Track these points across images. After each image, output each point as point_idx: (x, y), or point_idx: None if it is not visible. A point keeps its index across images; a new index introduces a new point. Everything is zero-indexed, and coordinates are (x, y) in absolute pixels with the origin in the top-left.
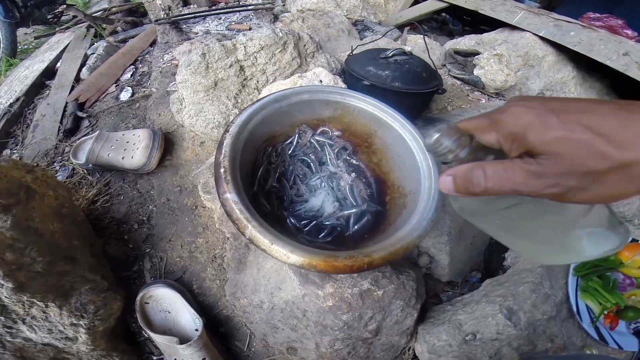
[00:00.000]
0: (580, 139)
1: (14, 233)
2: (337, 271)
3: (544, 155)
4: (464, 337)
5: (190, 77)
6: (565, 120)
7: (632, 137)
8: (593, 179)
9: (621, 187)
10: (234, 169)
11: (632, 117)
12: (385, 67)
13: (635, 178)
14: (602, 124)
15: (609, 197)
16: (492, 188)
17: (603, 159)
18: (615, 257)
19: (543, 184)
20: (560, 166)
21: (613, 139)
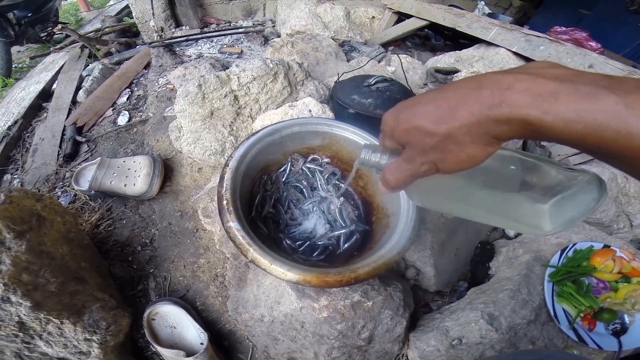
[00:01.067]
0: (414, 127)
1: (29, 257)
2: (328, 285)
3: (406, 145)
4: (450, 342)
5: (188, 107)
6: (403, 117)
7: (444, 114)
8: (440, 151)
9: (460, 152)
10: (234, 200)
11: (443, 97)
12: (368, 95)
13: (460, 142)
14: (424, 111)
15: (462, 162)
16: (396, 181)
17: (432, 135)
18: (588, 263)
19: (417, 165)
20: (415, 149)
21: (433, 118)
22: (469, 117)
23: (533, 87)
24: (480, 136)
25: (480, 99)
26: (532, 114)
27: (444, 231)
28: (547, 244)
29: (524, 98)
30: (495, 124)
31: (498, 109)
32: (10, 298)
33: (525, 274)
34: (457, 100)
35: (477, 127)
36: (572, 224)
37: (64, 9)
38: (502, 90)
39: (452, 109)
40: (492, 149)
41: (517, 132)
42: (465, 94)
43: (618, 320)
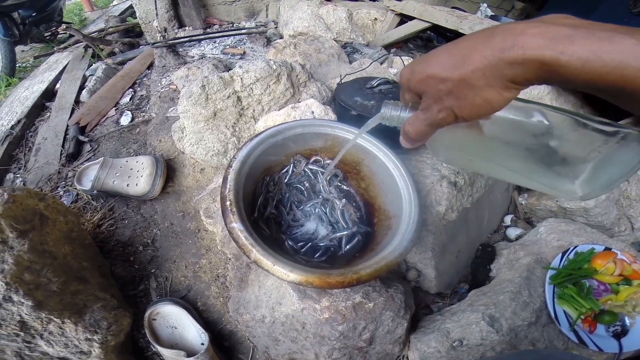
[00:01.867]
0: (428, 75)
1: (31, 256)
2: (330, 287)
3: (422, 95)
4: (451, 344)
5: (191, 108)
6: (418, 68)
7: (457, 61)
8: (455, 96)
9: (476, 96)
10: (238, 201)
11: (457, 46)
12: (371, 97)
13: (474, 86)
14: (438, 60)
15: (479, 106)
16: (416, 132)
17: (446, 81)
18: (589, 265)
19: (434, 113)
20: (431, 97)
21: (447, 66)
22: (482, 60)
23: (547, 31)
24: (495, 79)
25: (492, 43)
26: (547, 54)
27: (445, 233)
28: (548, 246)
29: (538, 40)
30: (509, 66)
31: (511, 51)
32: (12, 297)
33: (526, 276)
34: (469, 47)
35: (491, 70)
36: (612, 186)
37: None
38: (514, 35)
39: (465, 56)
40: (510, 94)
41: (532, 74)
42: (478, 41)
43: (619, 323)
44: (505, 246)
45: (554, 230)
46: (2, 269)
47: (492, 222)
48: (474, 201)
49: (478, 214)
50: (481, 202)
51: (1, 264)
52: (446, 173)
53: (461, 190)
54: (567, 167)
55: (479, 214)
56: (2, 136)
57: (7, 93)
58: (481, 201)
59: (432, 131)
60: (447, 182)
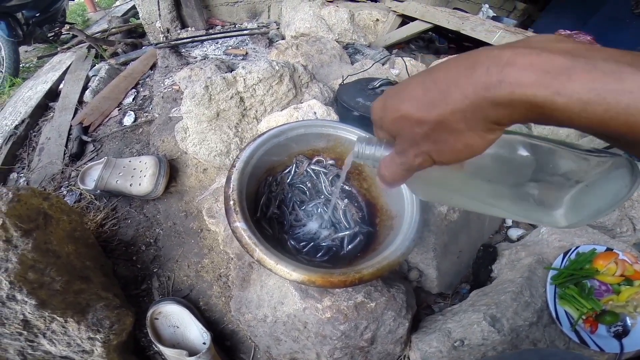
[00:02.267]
0: (401, 116)
1: (35, 255)
2: (332, 286)
3: (397, 136)
4: (452, 344)
5: (195, 108)
6: (390, 105)
7: (433, 98)
8: (433, 141)
9: (456, 141)
10: (241, 200)
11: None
12: (372, 98)
13: (454, 130)
14: (412, 96)
15: (460, 152)
16: (392, 175)
17: (422, 124)
18: (591, 266)
19: (410, 158)
20: (405, 140)
21: (421, 104)
22: (463, 100)
23: (539, 62)
24: (477, 122)
25: (474, 78)
26: (540, 94)
27: (446, 233)
28: (549, 246)
29: (529, 75)
30: (493, 108)
31: (497, 90)
32: (15, 296)
33: (527, 276)
34: (447, 81)
35: (472, 112)
36: (599, 215)
37: (71, 10)
38: (500, 67)
39: (443, 92)
40: (493, 136)
41: (520, 116)
42: (457, 73)
43: (620, 323)
44: (507, 247)
45: (556, 230)
46: (6, 268)
47: (494, 222)
48: None
49: (479, 214)
50: None
51: (5, 263)
52: None
53: None
54: (551, 197)
55: (481, 214)
56: (6, 136)
57: (10, 93)
58: None
59: (410, 175)
60: None
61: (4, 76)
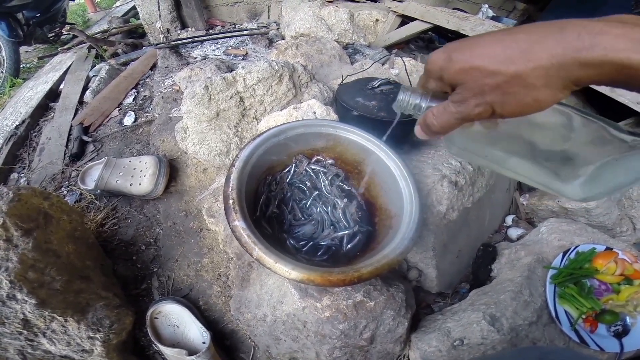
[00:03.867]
0: (473, 66)
1: (35, 254)
2: (332, 285)
3: (458, 86)
4: (452, 343)
5: (195, 108)
6: (459, 57)
7: (514, 54)
8: (502, 92)
9: (526, 95)
10: (240, 199)
11: (512, 38)
12: (372, 98)
13: (529, 85)
14: (488, 51)
15: (526, 105)
16: (441, 123)
17: (496, 75)
18: (590, 265)
19: (469, 107)
20: (471, 89)
21: (499, 59)
22: (549, 58)
23: (632, 33)
24: (557, 79)
25: (564, 41)
26: (634, 57)
27: (446, 233)
28: (549, 246)
29: (623, 42)
30: (581, 68)
31: (589, 52)
32: (15, 295)
33: (527, 275)
34: (531, 41)
35: (557, 70)
36: (616, 191)
37: (71, 10)
38: (593, 34)
39: (525, 50)
40: (564, 94)
41: (606, 77)
42: (543, 36)
43: (620, 322)
44: (507, 246)
45: (555, 230)
46: (6, 267)
47: (494, 222)
48: (475, 201)
49: (479, 213)
50: (482, 202)
51: (6, 262)
52: (447, 173)
53: (462, 189)
54: (573, 168)
55: (480, 213)
56: (7, 136)
57: (11, 93)
58: (482, 201)
59: (460, 125)
60: (448, 181)
61: (5, 76)
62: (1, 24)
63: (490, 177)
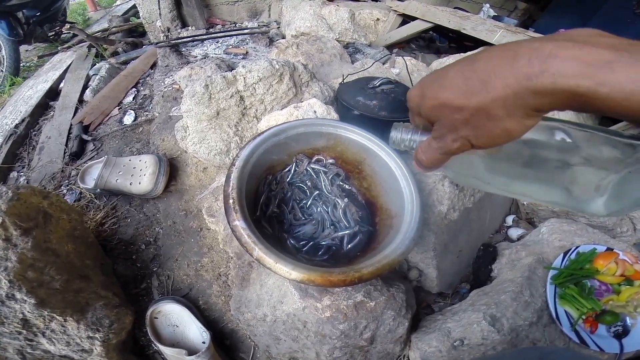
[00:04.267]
0: (441, 104)
1: (34, 254)
2: (332, 285)
3: (435, 122)
4: (452, 343)
5: (195, 107)
6: (429, 93)
7: (474, 86)
8: (472, 126)
9: (494, 127)
10: (241, 199)
11: (472, 68)
12: (373, 97)
13: (494, 117)
14: (452, 84)
15: (498, 137)
16: (429, 159)
17: (462, 110)
18: (591, 265)
19: (447, 142)
20: (445, 126)
21: (461, 92)
22: (504, 88)
23: (582, 55)
24: (517, 109)
25: (516, 68)
26: (583, 84)
27: (446, 233)
28: (550, 246)
29: (573, 67)
30: (534, 96)
31: (539, 79)
32: (15, 295)
33: (527, 276)
34: (488, 71)
35: (513, 100)
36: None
37: (71, 9)
38: (542, 59)
39: (483, 81)
40: (531, 121)
41: (560, 104)
42: (498, 63)
43: (620, 323)
44: (507, 246)
45: (556, 230)
46: (5, 267)
47: (494, 222)
48: (476, 201)
49: (480, 214)
50: (483, 202)
51: (5, 262)
52: None
53: (463, 190)
54: (591, 184)
55: (481, 214)
56: (6, 135)
57: (11, 92)
58: (483, 201)
59: (447, 159)
60: (449, 181)
61: (5, 75)
62: (1, 22)
63: None
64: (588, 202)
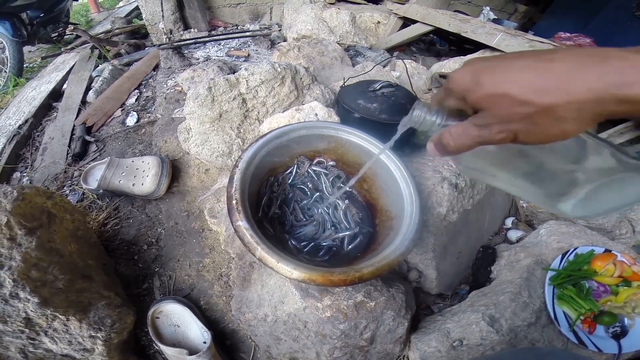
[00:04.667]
0: (503, 93)
1: (38, 253)
2: (333, 284)
3: (483, 109)
4: (451, 344)
5: (198, 109)
6: (487, 80)
7: (549, 85)
8: (529, 122)
9: (554, 127)
10: (243, 200)
11: (548, 66)
12: (373, 100)
13: (560, 118)
14: (521, 78)
15: (551, 136)
16: (458, 144)
17: (527, 105)
18: (589, 267)
19: (491, 132)
20: (496, 116)
21: (532, 88)
22: (586, 93)
23: None
24: (589, 114)
25: (606, 75)
26: None
27: (446, 235)
28: (548, 248)
29: None
30: (618, 104)
31: (630, 89)
32: (18, 294)
33: (526, 277)
34: (569, 72)
35: (592, 105)
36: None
37: (74, 10)
38: (636, 69)
39: (562, 81)
40: (590, 126)
41: (636, 113)
42: (582, 65)
43: (618, 324)
44: (506, 248)
45: (555, 232)
46: (9, 266)
47: (493, 224)
48: (475, 203)
49: (479, 215)
50: (482, 204)
51: (9, 261)
52: (447, 175)
53: (462, 192)
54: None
55: (480, 215)
56: (10, 135)
57: (15, 93)
58: (482, 203)
59: (477, 147)
60: (448, 183)
61: (8, 76)
62: (5, 23)
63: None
64: (563, 203)
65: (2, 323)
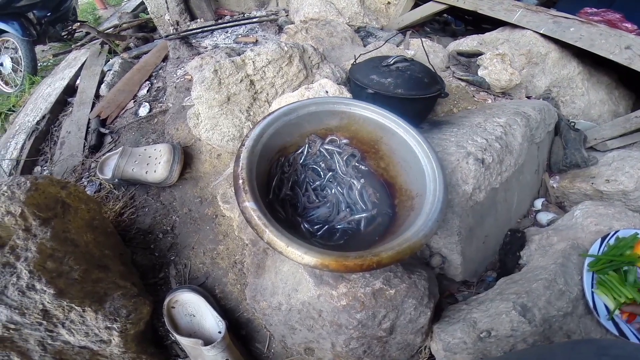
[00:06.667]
0: None
1: (53, 244)
2: (348, 270)
3: None
4: (478, 335)
5: (205, 93)
6: None
7: None
8: None
9: None
10: (251, 180)
11: None
12: (387, 75)
13: None
14: None
15: None
16: None
17: None
18: (632, 252)
19: None
20: None
21: None
22: None
23: None
24: None
25: None
26: None
27: (472, 216)
28: (584, 231)
29: None
30: None
31: None
32: (35, 285)
33: (561, 262)
34: None
35: None
36: None
37: (81, 8)
38: None
39: None
40: None
41: None
42: None
43: None
44: (537, 231)
45: (592, 213)
46: (25, 257)
47: (522, 205)
48: (503, 181)
49: (507, 195)
50: (510, 182)
51: (25, 252)
52: (472, 150)
53: (489, 167)
54: None
55: (508, 195)
56: (29, 132)
57: (31, 91)
58: (510, 182)
59: None
60: (474, 158)
61: (24, 75)
62: (14, 24)
63: (519, 155)
64: None
65: (20, 315)
